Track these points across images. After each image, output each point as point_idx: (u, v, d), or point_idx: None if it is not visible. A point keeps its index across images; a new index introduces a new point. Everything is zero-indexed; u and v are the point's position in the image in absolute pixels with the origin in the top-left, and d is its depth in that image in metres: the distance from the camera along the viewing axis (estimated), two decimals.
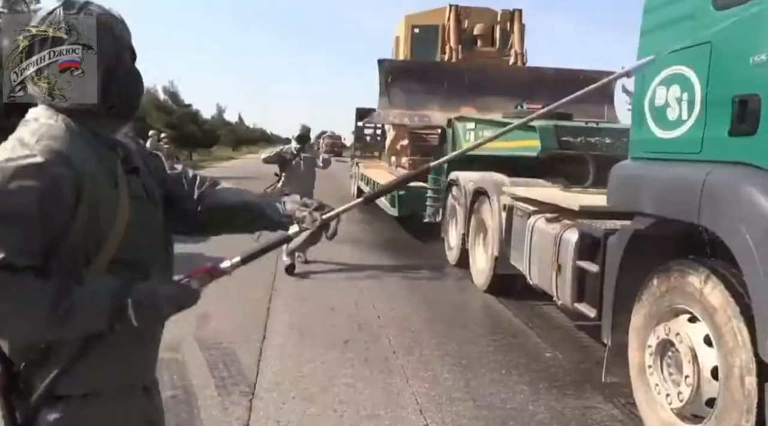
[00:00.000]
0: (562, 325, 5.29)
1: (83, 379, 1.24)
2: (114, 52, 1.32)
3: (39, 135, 1.20)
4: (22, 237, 1.13)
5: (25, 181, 1.14)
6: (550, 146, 5.70)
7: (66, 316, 1.14)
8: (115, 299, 1.18)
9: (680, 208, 2.87)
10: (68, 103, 1.26)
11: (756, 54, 2.54)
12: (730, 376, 2.61)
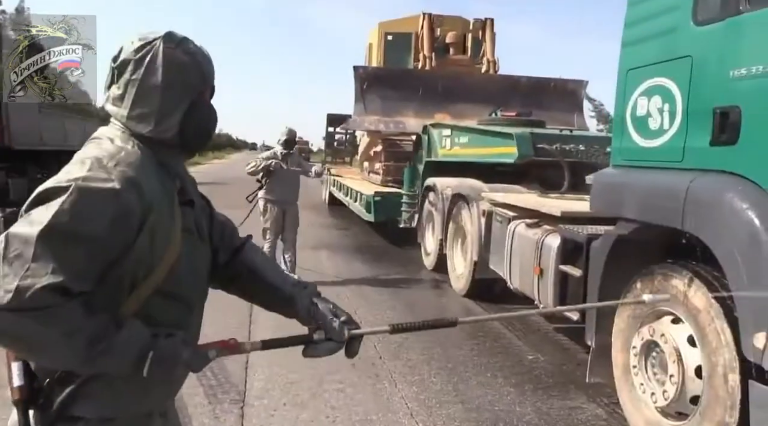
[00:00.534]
0: (541, 328, 5.41)
1: (100, 404, 1.24)
2: (199, 88, 1.35)
3: (117, 159, 1.21)
4: (85, 261, 1.13)
5: (100, 205, 1.14)
6: (527, 153, 5.84)
7: (97, 357, 1.14)
8: (142, 350, 1.17)
9: (664, 214, 3.00)
10: (148, 132, 1.29)
11: (735, 68, 2.68)
12: (714, 375, 2.73)
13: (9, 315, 1.05)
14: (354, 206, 10.50)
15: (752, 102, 2.60)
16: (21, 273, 1.06)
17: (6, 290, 1.05)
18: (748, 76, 2.60)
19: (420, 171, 8.37)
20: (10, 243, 1.09)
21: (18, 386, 1.20)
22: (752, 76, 2.58)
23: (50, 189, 1.14)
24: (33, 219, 1.11)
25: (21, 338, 1.11)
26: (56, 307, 1.08)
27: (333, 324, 1.42)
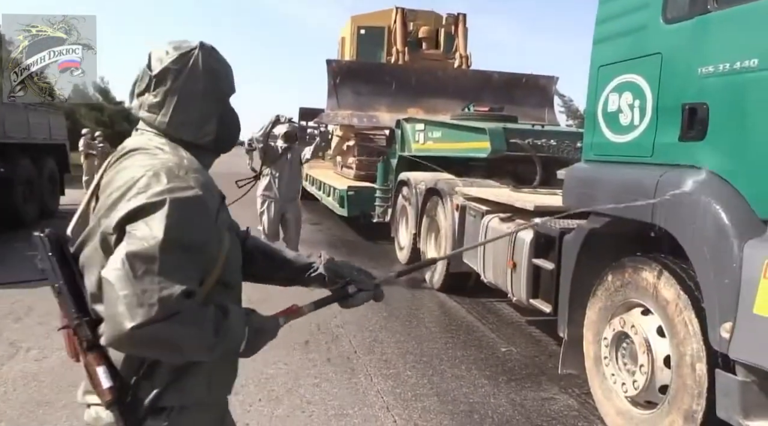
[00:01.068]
0: (514, 321, 5.48)
1: (181, 393, 1.32)
2: (229, 94, 1.47)
3: (185, 168, 1.30)
4: (195, 263, 1.25)
5: (193, 212, 1.25)
6: (500, 148, 5.88)
7: (220, 341, 1.25)
8: (245, 326, 1.32)
9: (635, 207, 3.05)
10: (190, 138, 1.39)
11: (703, 65, 2.74)
12: (682, 364, 2.81)
13: (157, 325, 1.15)
14: (327, 201, 10.47)
15: (719, 99, 2.67)
16: (157, 287, 1.16)
17: (150, 304, 1.14)
18: (715, 74, 2.67)
19: (393, 165, 8.39)
20: (134, 262, 1.17)
21: (108, 387, 1.26)
22: (719, 74, 2.65)
23: (143, 205, 1.22)
24: (143, 236, 1.19)
25: (169, 343, 1.20)
26: (189, 308, 1.19)
27: (360, 276, 1.64)
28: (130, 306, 1.14)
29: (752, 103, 2.53)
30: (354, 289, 1.61)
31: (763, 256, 2.36)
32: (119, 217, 1.23)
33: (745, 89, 2.54)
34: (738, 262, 2.44)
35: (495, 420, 3.47)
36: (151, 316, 1.14)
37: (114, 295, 1.16)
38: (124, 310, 1.14)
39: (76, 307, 1.30)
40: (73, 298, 1.31)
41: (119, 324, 1.14)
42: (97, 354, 1.28)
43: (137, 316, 1.14)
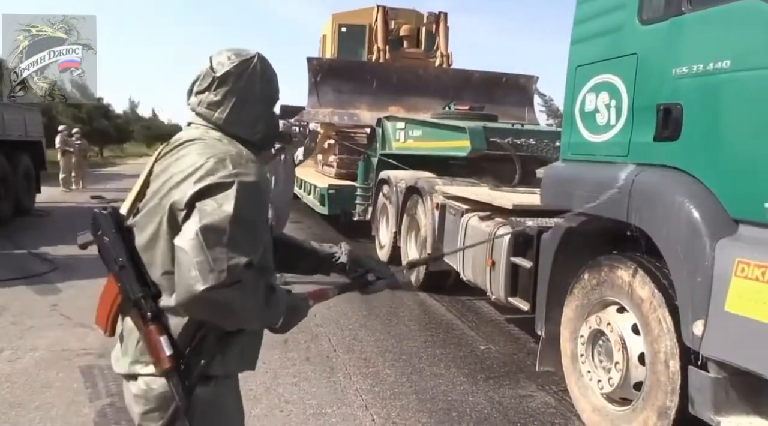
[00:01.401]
0: (493, 319, 5.51)
1: (224, 364, 1.47)
2: (276, 100, 1.63)
3: (245, 157, 1.46)
4: (256, 240, 1.41)
5: (256, 195, 1.42)
6: (480, 147, 5.91)
7: (268, 311, 1.44)
8: (286, 303, 1.49)
9: (611, 207, 3.09)
10: (243, 134, 1.54)
11: (677, 66, 2.78)
12: (656, 361, 2.85)
13: (225, 290, 1.30)
14: (308, 199, 10.43)
15: (693, 99, 2.71)
16: (226, 256, 1.30)
17: (220, 271, 1.29)
18: (689, 75, 2.71)
19: (374, 164, 8.38)
20: (207, 233, 1.31)
21: (169, 355, 1.39)
22: (693, 75, 2.69)
23: (213, 185, 1.37)
24: (214, 211, 1.34)
25: (230, 307, 1.34)
26: (250, 278, 1.34)
27: (380, 266, 1.83)
28: (203, 271, 1.28)
29: (724, 104, 2.57)
30: (373, 277, 1.79)
31: (734, 254, 2.40)
32: (190, 194, 1.37)
33: (718, 90, 2.58)
34: (710, 260, 2.48)
35: (473, 418, 3.49)
36: (221, 280, 1.28)
37: (188, 261, 1.30)
38: (197, 274, 1.28)
39: (139, 281, 1.44)
40: (135, 272, 1.45)
41: (192, 286, 1.29)
42: (159, 325, 1.41)
43: (209, 280, 1.28)
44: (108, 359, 4.19)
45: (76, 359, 4.11)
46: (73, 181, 16.72)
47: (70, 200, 13.65)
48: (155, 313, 1.42)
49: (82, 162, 17.36)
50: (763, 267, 2.28)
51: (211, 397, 1.47)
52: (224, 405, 1.52)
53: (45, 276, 6.42)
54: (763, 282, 2.27)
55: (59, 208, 12.29)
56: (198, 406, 1.44)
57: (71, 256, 7.37)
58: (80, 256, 7.37)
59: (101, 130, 33.23)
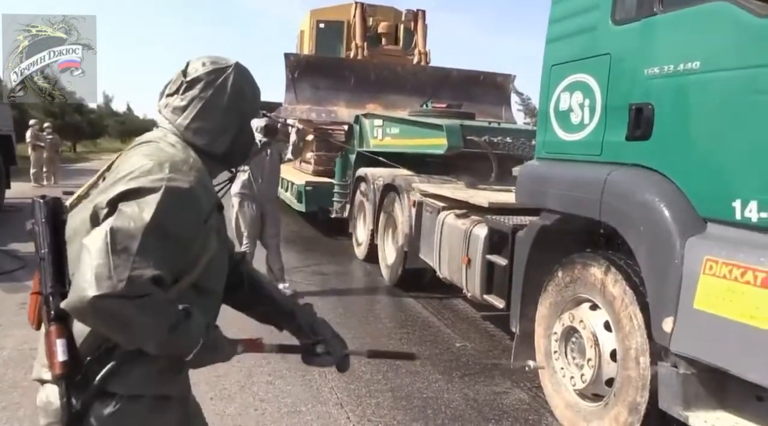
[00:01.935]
0: (469, 316, 5.54)
1: (132, 383, 1.35)
2: (251, 116, 1.55)
3: (190, 165, 1.38)
4: (175, 257, 1.30)
5: (186, 206, 1.32)
6: (457, 144, 5.94)
7: (173, 339, 1.29)
8: (200, 338, 1.33)
9: (584, 205, 3.12)
10: (202, 144, 1.45)
11: (649, 67, 2.82)
12: (627, 358, 2.89)
13: (119, 301, 1.19)
14: (285, 196, 10.36)
15: (664, 99, 2.75)
16: (129, 265, 1.20)
17: (119, 279, 1.18)
18: (660, 75, 2.74)
19: (352, 161, 8.36)
20: (116, 236, 1.22)
21: (62, 361, 1.28)
22: (664, 75, 2.72)
23: (140, 188, 1.28)
24: (131, 215, 1.25)
25: (123, 322, 1.23)
26: (154, 295, 1.22)
27: (333, 341, 1.66)
28: (99, 276, 1.18)
29: (694, 105, 2.61)
30: (323, 349, 1.65)
31: (702, 253, 2.44)
32: (115, 194, 1.28)
33: (688, 90, 2.62)
34: (679, 258, 2.52)
35: (448, 414, 3.50)
36: (116, 290, 1.18)
37: (88, 262, 1.20)
38: (91, 279, 1.18)
39: (55, 276, 1.33)
40: (54, 267, 1.34)
41: (83, 290, 1.18)
42: (60, 326, 1.30)
43: (102, 287, 1.18)
44: None
45: None
46: (45, 176, 16.40)
47: None
48: (60, 313, 1.29)
49: (53, 157, 17.04)
50: (730, 265, 2.32)
51: (109, 417, 1.33)
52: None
53: (13, 274, 6.29)
54: (730, 280, 2.31)
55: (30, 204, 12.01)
56: (91, 424, 1.32)
57: None
58: None
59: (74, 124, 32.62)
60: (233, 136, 1.48)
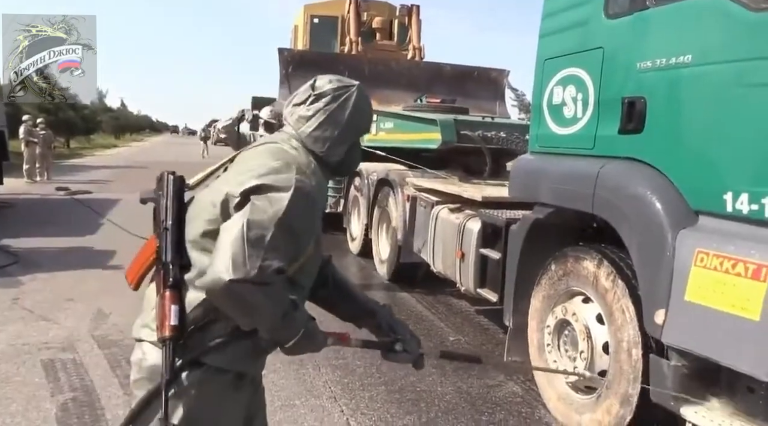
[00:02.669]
0: (463, 310, 5.56)
1: (223, 357, 1.48)
2: (364, 133, 1.74)
3: (311, 169, 1.53)
4: (294, 250, 1.45)
5: (309, 206, 1.47)
6: (451, 139, 5.94)
7: (282, 326, 1.43)
8: (302, 327, 1.46)
9: (577, 198, 3.13)
10: (320, 151, 1.59)
11: (641, 60, 2.82)
12: (619, 350, 2.90)
13: (251, 286, 1.34)
14: None
15: (656, 93, 2.75)
16: (261, 255, 1.34)
17: (252, 267, 1.33)
18: (653, 68, 2.75)
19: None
20: (251, 228, 1.36)
21: (174, 325, 1.42)
22: (657, 69, 2.73)
23: (271, 185, 1.42)
24: (264, 209, 1.39)
25: (249, 305, 1.38)
26: (277, 284, 1.38)
27: (411, 341, 1.78)
28: (235, 262, 1.32)
29: (686, 98, 2.62)
30: (401, 347, 1.76)
31: (694, 245, 2.46)
32: (250, 186, 1.42)
33: (680, 84, 2.63)
34: (671, 251, 2.53)
35: (441, 408, 3.52)
36: (248, 277, 1.32)
37: (226, 248, 1.35)
38: (228, 264, 1.32)
39: (175, 247, 1.49)
40: (175, 238, 1.50)
41: (220, 273, 1.33)
42: (175, 293, 1.45)
43: (238, 272, 1.32)
44: (71, 353, 4.12)
45: (38, 353, 4.02)
46: (38, 172, 16.30)
47: (35, 192, 13.31)
48: (176, 282, 1.46)
49: (46, 153, 16.94)
50: (721, 257, 2.34)
51: (194, 383, 1.46)
52: (205, 398, 1.48)
53: (6, 269, 6.26)
54: (721, 271, 2.32)
55: (23, 199, 11.98)
56: (179, 386, 1.44)
57: (34, 248, 7.21)
58: (43, 250, 7.22)
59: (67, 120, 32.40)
60: (348, 148, 1.63)
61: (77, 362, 3.92)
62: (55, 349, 4.11)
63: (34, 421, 3.15)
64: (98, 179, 16.33)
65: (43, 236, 7.91)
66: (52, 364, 3.87)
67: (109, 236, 7.46)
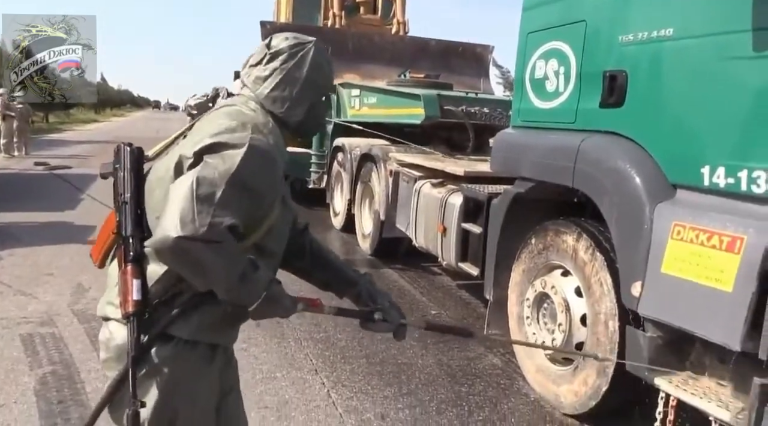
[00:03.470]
0: (445, 285, 5.60)
1: (192, 328, 1.44)
2: (326, 91, 1.67)
3: (269, 129, 1.49)
4: (247, 210, 1.39)
5: (266, 164, 1.42)
6: (434, 114, 5.91)
7: (241, 287, 1.38)
8: (264, 290, 1.41)
9: (557, 172, 3.14)
10: (279, 112, 1.55)
11: (623, 34, 2.82)
12: (597, 322, 2.95)
13: (200, 244, 1.29)
14: None
15: (637, 66, 2.75)
16: (211, 212, 1.30)
17: (201, 224, 1.29)
18: (634, 42, 2.75)
19: (329, 131, 8.28)
20: (201, 184, 1.32)
21: (136, 300, 1.38)
22: (638, 42, 2.73)
23: (225, 143, 1.39)
24: (215, 166, 1.35)
25: (200, 264, 1.33)
26: (228, 242, 1.33)
27: (391, 310, 1.74)
28: (183, 219, 1.28)
29: (666, 71, 2.62)
30: (380, 316, 1.71)
31: (671, 218, 2.48)
32: (202, 145, 1.38)
33: (661, 57, 2.63)
34: (649, 224, 2.56)
35: (421, 379, 3.55)
36: (197, 234, 1.28)
37: (174, 206, 1.31)
38: (176, 221, 1.28)
39: (135, 220, 1.45)
40: (135, 211, 1.46)
41: (168, 230, 1.29)
42: (136, 268, 1.41)
43: (186, 229, 1.28)
44: (50, 327, 4.09)
45: (16, 328, 3.99)
46: (15, 147, 15.98)
47: (13, 166, 13.06)
48: (137, 255, 1.42)
49: (24, 127, 16.56)
50: (697, 230, 2.37)
51: (165, 358, 1.43)
52: (178, 372, 1.45)
53: None
54: (697, 244, 2.36)
55: (0, 174, 11.76)
56: (149, 363, 1.41)
57: (12, 223, 7.10)
58: (22, 224, 7.12)
59: None
60: (308, 107, 1.58)
61: (56, 336, 3.89)
62: (34, 323, 4.08)
63: (12, 394, 3.13)
64: (78, 154, 16.05)
65: (22, 211, 7.79)
66: (31, 338, 3.84)
67: (88, 211, 7.38)
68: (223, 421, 1.63)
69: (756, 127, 2.29)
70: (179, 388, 1.45)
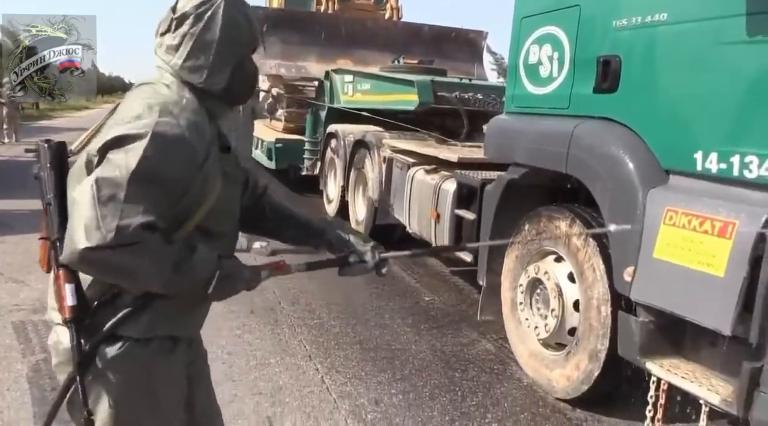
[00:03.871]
0: (438, 272, 5.61)
1: (141, 326, 1.36)
2: (249, 47, 1.48)
3: (181, 106, 1.34)
4: (164, 200, 1.27)
5: (174, 149, 1.28)
6: (428, 100, 5.88)
7: (179, 277, 1.29)
8: (211, 271, 1.33)
9: (550, 158, 3.14)
10: (199, 83, 1.40)
11: (617, 19, 2.80)
12: (589, 307, 2.96)
13: (112, 251, 1.20)
14: (255, 153, 10.22)
15: (631, 51, 2.74)
16: (118, 214, 1.20)
17: (108, 230, 1.19)
18: (628, 27, 2.73)
19: (322, 117, 8.24)
20: (101, 187, 1.22)
21: (71, 305, 1.31)
22: (632, 27, 2.71)
23: (127, 135, 1.26)
24: (117, 163, 1.24)
25: (121, 269, 1.25)
26: (147, 241, 1.23)
27: (365, 249, 1.63)
28: (88, 228, 1.19)
29: (660, 56, 2.62)
30: (355, 259, 1.63)
31: (664, 203, 2.49)
32: (105, 141, 1.27)
33: (655, 42, 2.62)
34: (641, 209, 2.56)
35: (415, 365, 3.57)
36: (105, 241, 1.19)
37: (77, 215, 1.22)
38: (81, 231, 1.20)
39: (61, 222, 1.34)
40: (60, 213, 1.35)
41: (75, 243, 1.20)
42: (68, 272, 1.32)
43: (92, 239, 1.19)
44: (42, 315, 4.07)
45: (8, 315, 3.97)
46: (6, 134, 15.88)
47: (3, 154, 12.99)
48: None
49: (14, 114, 16.47)
50: (690, 215, 2.37)
51: (115, 358, 1.36)
52: (130, 371, 1.38)
53: None
54: (689, 229, 2.36)
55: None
56: (100, 366, 1.35)
57: (4, 211, 7.06)
58: (12, 211, 7.07)
59: None
60: (231, 70, 1.42)
61: (49, 323, 3.87)
62: (26, 310, 4.06)
63: (5, 381, 3.12)
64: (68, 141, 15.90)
65: (13, 198, 7.73)
66: (23, 325, 3.82)
67: None
68: (196, 414, 1.59)
69: (749, 113, 2.29)
70: (134, 387, 1.40)
